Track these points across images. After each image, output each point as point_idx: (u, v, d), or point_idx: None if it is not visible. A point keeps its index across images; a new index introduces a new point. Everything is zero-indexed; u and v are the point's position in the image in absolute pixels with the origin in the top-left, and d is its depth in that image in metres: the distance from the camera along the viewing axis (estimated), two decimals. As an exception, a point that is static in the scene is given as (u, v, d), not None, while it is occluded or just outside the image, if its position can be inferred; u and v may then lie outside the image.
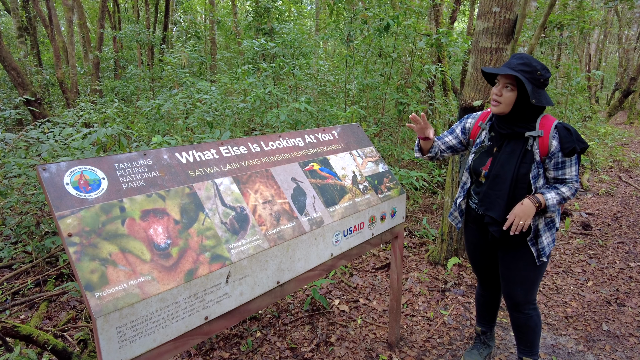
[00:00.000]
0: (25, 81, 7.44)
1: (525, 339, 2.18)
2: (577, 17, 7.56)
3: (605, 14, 16.13)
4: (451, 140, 2.23)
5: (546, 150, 1.84)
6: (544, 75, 1.80)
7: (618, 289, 3.37)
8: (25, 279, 3.38)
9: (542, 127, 1.86)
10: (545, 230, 1.94)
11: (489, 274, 2.32)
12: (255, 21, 8.70)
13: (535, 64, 1.79)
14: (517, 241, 1.98)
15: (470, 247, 2.31)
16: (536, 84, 1.80)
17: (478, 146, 2.10)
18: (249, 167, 1.78)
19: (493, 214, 1.94)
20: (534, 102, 1.78)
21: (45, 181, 1.25)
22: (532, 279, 2.04)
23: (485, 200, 1.99)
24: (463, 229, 2.39)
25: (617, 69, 19.65)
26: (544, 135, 1.84)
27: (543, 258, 1.95)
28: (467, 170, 2.15)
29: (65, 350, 2.11)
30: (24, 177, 3.35)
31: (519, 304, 2.10)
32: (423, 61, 5.83)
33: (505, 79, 1.85)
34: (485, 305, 2.44)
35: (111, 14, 13.35)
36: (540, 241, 1.94)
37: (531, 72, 1.78)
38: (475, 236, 2.23)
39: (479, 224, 2.14)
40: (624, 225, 4.81)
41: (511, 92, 1.84)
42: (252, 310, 1.58)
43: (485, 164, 2.01)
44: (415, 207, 5.22)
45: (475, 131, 2.16)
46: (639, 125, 14.17)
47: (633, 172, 7.49)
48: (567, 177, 1.87)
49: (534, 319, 2.13)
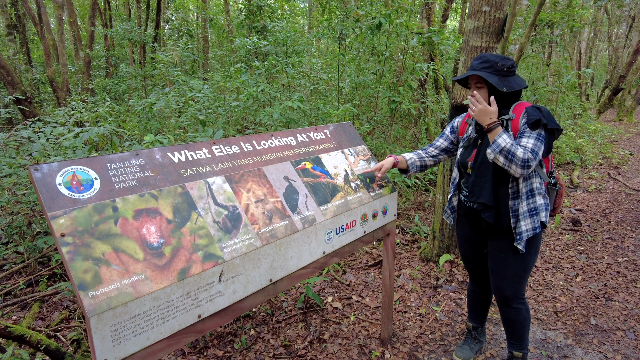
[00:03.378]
0: (14, 80, 7.35)
1: (515, 333, 2.22)
2: (567, 16, 7.64)
3: (595, 12, 16.30)
4: (443, 143, 2.34)
5: (517, 130, 1.93)
6: (505, 64, 1.91)
7: (606, 284, 3.43)
8: (17, 280, 3.36)
9: (514, 111, 1.96)
10: (526, 216, 1.96)
11: (479, 270, 2.36)
12: (247, 19, 8.68)
13: (493, 58, 1.92)
14: (504, 229, 2.02)
15: (461, 242, 2.35)
16: (502, 74, 1.91)
17: (465, 140, 2.17)
18: (241, 166, 1.79)
19: (483, 200, 1.98)
20: (505, 90, 1.88)
21: (38, 181, 1.25)
22: (519, 273, 2.08)
23: (474, 189, 2.04)
24: (454, 225, 2.44)
25: (607, 67, 19.88)
26: (515, 118, 1.94)
27: (519, 245, 1.97)
28: (456, 166, 2.23)
29: (59, 350, 2.11)
30: (15, 177, 3.33)
31: (508, 299, 2.14)
32: (415, 59, 5.86)
33: (473, 80, 1.99)
34: (477, 301, 2.48)
35: (102, 11, 13.22)
36: (518, 226, 1.97)
37: (492, 66, 1.91)
38: (466, 230, 2.27)
39: (470, 217, 2.18)
40: (613, 222, 4.88)
41: (482, 89, 1.97)
42: (246, 308, 1.60)
43: (471, 155, 2.08)
44: (408, 204, 5.26)
45: (463, 127, 2.25)
46: (628, 122, 14.35)
47: (622, 168, 7.60)
48: (522, 143, 1.85)
49: (523, 313, 2.17)
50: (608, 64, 18.18)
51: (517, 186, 1.96)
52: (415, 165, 2.32)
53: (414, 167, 2.32)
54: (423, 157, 2.34)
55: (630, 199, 5.72)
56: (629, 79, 13.45)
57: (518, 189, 1.96)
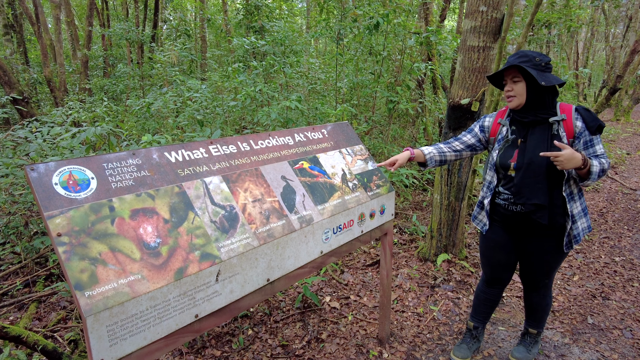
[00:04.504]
0: (11, 79, 7.33)
1: (536, 315, 2.30)
2: (565, 16, 7.66)
3: (592, 12, 16.34)
4: (470, 139, 2.26)
5: (572, 132, 1.91)
6: (543, 60, 1.89)
7: (603, 283, 3.44)
8: (14, 280, 3.35)
9: (563, 111, 1.94)
10: (581, 216, 2.00)
11: (502, 273, 2.31)
12: (245, 19, 8.67)
13: (531, 53, 1.90)
14: (555, 229, 2.00)
15: (491, 245, 2.26)
16: (539, 68, 1.89)
17: (501, 142, 2.10)
18: (238, 165, 1.79)
19: (537, 201, 1.93)
20: (544, 83, 1.84)
21: (34, 181, 1.25)
22: (555, 268, 2.13)
23: (523, 190, 1.97)
24: (479, 231, 2.40)
25: (604, 67, 19.92)
26: (567, 119, 1.92)
27: (575, 245, 2.01)
28: (492, 169, 2.14)
29: (56, 351, 2.11)
30: (12, 177, 3.32)
31: (538, 287, 2.21)
32: (413, 59, 5.87)
33: (510, 74, 1.95)
34: (486, 302, 2.45)
35: (100, 11, 13.18)
36: (575, 227, 1.98)
37: (530, 60, 1.88)
38: (499, 235, 2.21)
39: (508, 221, 2.13)
40: (610, 221, 4.90)
41: (520, 83, 1.93)
42: (243, 307, 1.60)
43: (513, 156, 2.02)
44: (406, 204, 5.27)
45: (495, 128, 2.17)
46: (626, 122, 14.40)
47: (619, 168, 7.62)
48: (599, 152, 1.91)
49: (547, 299, 2.25)
50: (605, 64, 18.22)
51: (570, 187, 1.96)
52: (435, 160, 2.24)
53: (433, 161, 2.24)
54: (444, 152, 2.25)
55: (627, 199, 5.74)
56: (626, 78, 13.47)
57: (571, 189, 1.96)
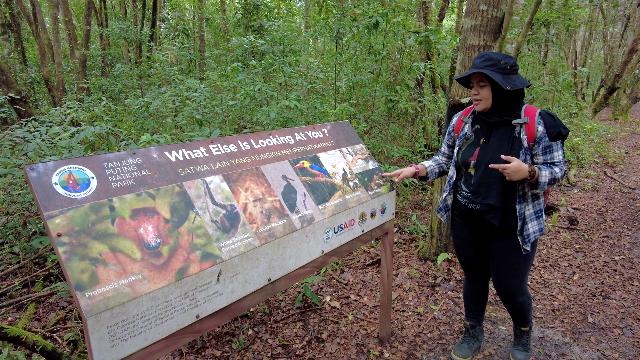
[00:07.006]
0: (9, 79, 7.30)
1: (520, 318, 2.35)
2: (563, 15, 7.67)
3: (590, 12, 16.36)
4: (449, 141, 2.33)
5: (533, 136, 1.93)
6: (508, 62, 1.90)
7: (603, 282, 3.44)
8: (12, 280, 3.33)
9: (527, 114, 1.95)
10: (533, 218, 2.00)
11: (477, 268, 2.36)
12: (244, 18, 8.65)
13: (496, 56, 1.90)
14: (509, 230, 2.02)
15: (458, 243, 2.34)
16: (504, 72, 1.89)
17: (462, 138, 2.15)
18: (239, 165, 1.78)
19: (490, 201, 1.96)
20: (509, 88, 1.85)
21: (33, 181, 1.24)
22: (522, 271, 2.11)
23: (480, 189, 2.01)
24: (449, 225, 2.45)
25: (602, 66, 19.96)
26: (529, 122, 1.93)
27: (526, 246, 2.00)
28: (454, 165, 2.20)
29: (55, 351, 2.10)
30: (10, 177, 3.30)
31: (512, 295, 2.19)
32: (412, 58, 5.86)
33: (477, 78, 1.96)
34: (474, 299, 2.49)
35: (97, 10, 13.15)
36: (525, 228, 1.99)
37: (495, 64, 1.89)
38: (464, 232, 2.26)
39: (468, 218, 2.17)
40: (609, 220, 4.90)
41: (485, 87, 1.95)
42: (244, 307, 1.59)
43: (473, 154, 2.05)
44: (405, 203, 5.27)
45: (459, 125, 2.23)
46: (624, 121, 14.43)
47: (617, 167, 7.64)
48: (555, 160, 1.94)
49: (526, 304, 2.27)
50: (603, 63, 18.26)
51: (523, 189, 1.97)
52: (435, 172, 2.37)
53: (434, 174, 2.37)
54: (440, 163, 2.39)
55: (626, 197, 5.75)
56: (624, 78, 13.52)
57: (524, 192, 1.98)
